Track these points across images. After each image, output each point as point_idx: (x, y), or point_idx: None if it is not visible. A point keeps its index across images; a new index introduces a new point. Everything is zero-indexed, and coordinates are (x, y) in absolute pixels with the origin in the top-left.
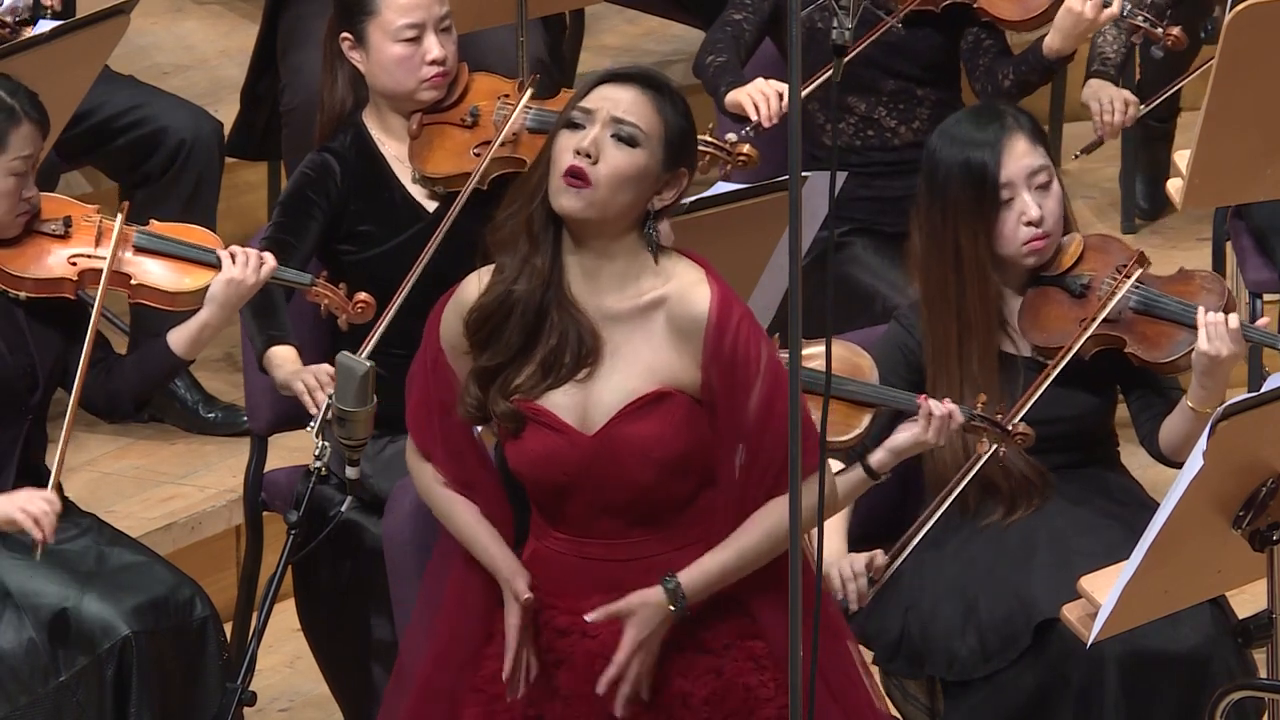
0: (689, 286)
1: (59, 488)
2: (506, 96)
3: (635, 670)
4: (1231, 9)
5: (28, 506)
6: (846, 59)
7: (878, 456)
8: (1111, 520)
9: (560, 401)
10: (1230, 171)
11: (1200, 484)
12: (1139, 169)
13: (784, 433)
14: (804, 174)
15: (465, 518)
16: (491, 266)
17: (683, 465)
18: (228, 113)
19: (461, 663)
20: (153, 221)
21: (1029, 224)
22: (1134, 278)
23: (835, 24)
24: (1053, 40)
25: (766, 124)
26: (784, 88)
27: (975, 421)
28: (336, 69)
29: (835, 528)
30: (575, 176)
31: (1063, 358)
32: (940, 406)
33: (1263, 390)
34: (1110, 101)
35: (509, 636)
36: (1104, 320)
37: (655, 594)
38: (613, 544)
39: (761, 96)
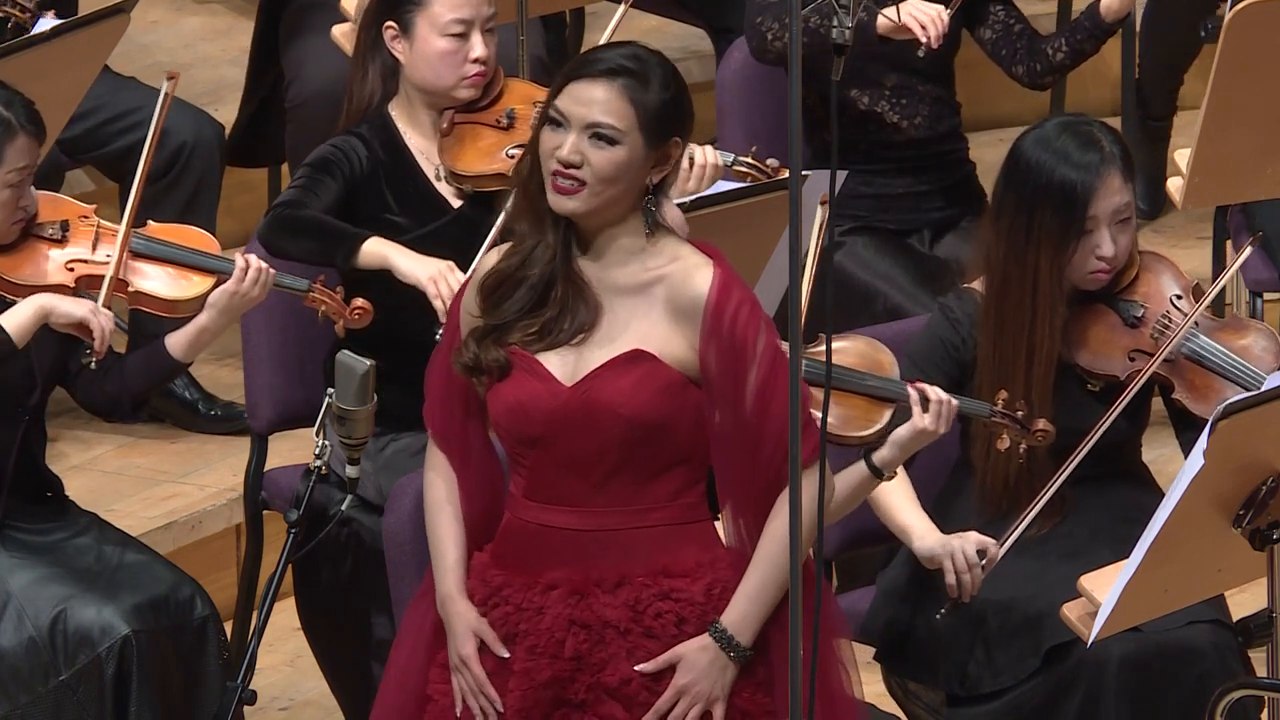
0: (692, 268)
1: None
2: (541, 103)
3: (677, 715)
4: (1232, 9)
5: (100, 317)
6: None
7: (882, 453)
8: (1128, 543)
9: (552, 360)
10: (1230, 170)
11: (1200, 483)
12: (1138, 168)
13: (785, 418)
14: (804, 172)
15: (446, 544)
16: (508, 245)
17: (652, 433)
18: (228, 113)
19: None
20: (150, 223)
21: (1100, 258)
22: (1190, 320)
23: (835, 23)
24: (1110, 3)
25: (935, 45)
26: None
27: (995, 418)
28: (368, 61)
29: (914, 513)
30: (564, 180)
31: (1116, 408)
32: (935, 391)
33: (1263, 389)
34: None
35: (461, 683)
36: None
37: (702, 639)
38: (577, 512)
39: (924, 17)
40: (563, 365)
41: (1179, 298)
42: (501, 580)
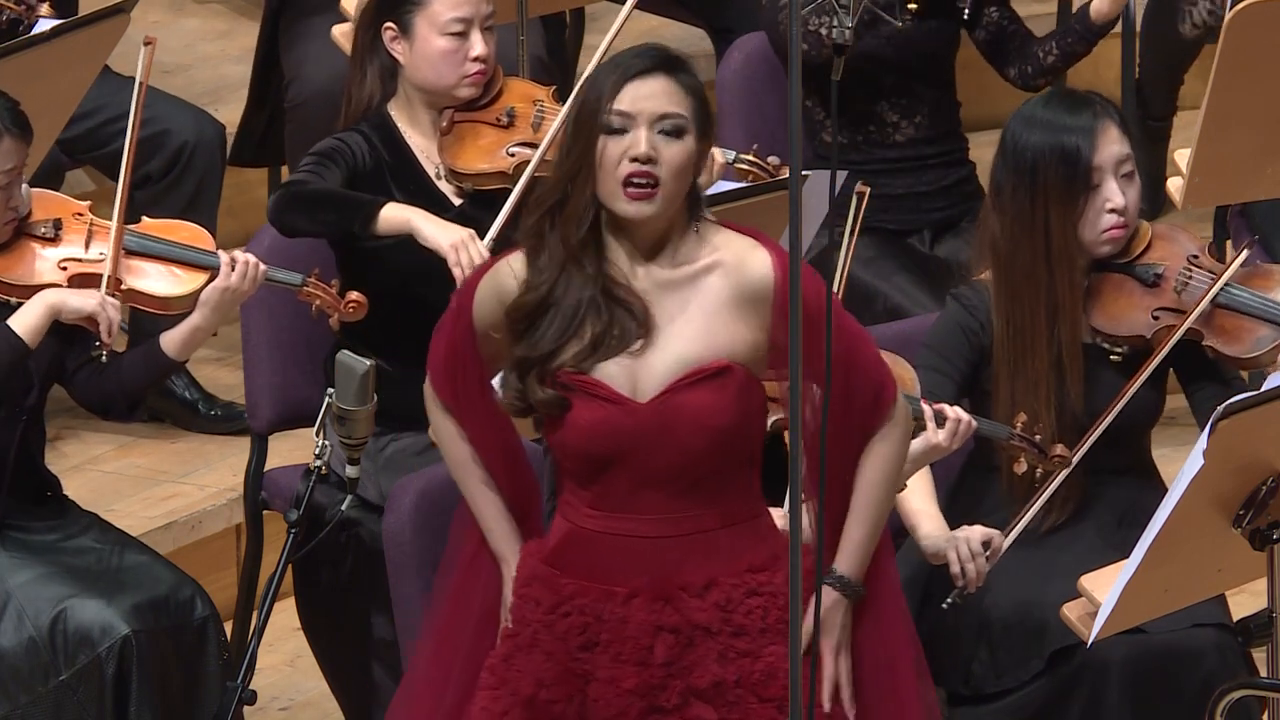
0: (744, 252)
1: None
2: (540, 101)
3: (844, 672)
4: (1232, 9)
5: (107, 309)
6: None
7: None
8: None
9: (611, 371)
10: (1230, 170)
11: (1200, 483)
12: (1138, 168)
13: (870, 363)
14: (804, 172)
15: (487, 506)
16: (526, 274)
17: (733, 438)
18: (228, 112)
19: (467, 647)
20: (144, 219)
21: (1112, 211)
22: (1231, 273)
23: (835, 23)
24: (1100, 5)
25: None
26: None
27: (1014, 441)
28: (366, 62)
29: (929, 508)
30: (641, 184)
31: (1151, 362)
32: (950, 409)
33: (1262, 389)
34: None
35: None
36: (1180, 313)
37: (830, 596)
38: (655, 519)
39: None
40: (625, 377)
41: (1195, 257)
42: (574, 589)
